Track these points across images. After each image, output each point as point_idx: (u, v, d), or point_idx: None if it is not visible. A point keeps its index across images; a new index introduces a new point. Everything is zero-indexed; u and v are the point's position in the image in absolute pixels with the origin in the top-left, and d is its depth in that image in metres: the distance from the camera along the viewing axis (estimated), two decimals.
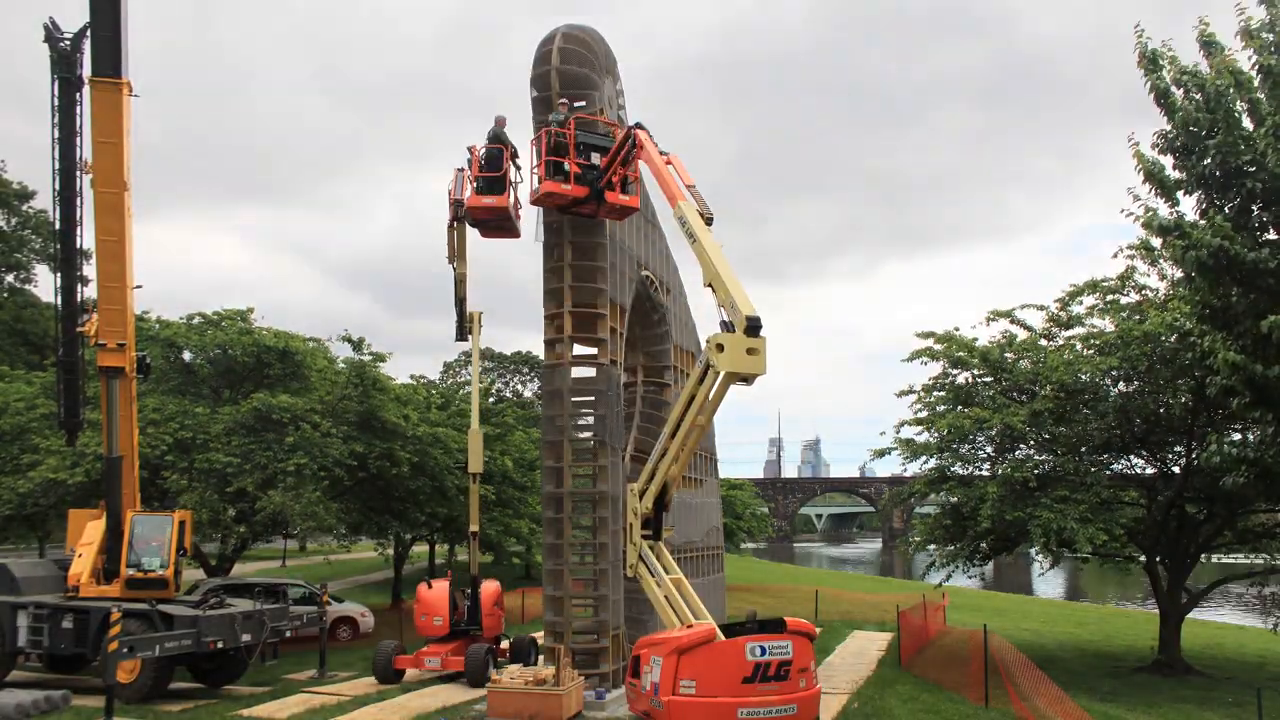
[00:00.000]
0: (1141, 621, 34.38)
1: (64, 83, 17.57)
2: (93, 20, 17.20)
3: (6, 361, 35.04)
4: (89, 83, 17.31)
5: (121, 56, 17.20)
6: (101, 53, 17.02)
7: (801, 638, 11.77)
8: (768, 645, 11.34)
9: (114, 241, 17.73)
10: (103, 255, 17.83)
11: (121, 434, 18.78)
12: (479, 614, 20.56)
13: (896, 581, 59.14)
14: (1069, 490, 21.38)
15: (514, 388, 68.78)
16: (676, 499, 20.68)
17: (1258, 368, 15.03)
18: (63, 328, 19.32)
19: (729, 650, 11.29)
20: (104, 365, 18.26)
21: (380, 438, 27.85)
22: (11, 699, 15.72)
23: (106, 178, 17.49)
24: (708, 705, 10.96)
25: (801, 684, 11.35)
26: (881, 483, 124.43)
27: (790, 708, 11.12)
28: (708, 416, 12.97)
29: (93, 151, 17.44)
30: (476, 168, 18.37)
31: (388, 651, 19.62)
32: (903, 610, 24.80)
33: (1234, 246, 14.88)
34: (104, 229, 17.71)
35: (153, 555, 18.61)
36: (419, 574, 47.49)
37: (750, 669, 11.06)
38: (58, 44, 17.65)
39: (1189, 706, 18.96)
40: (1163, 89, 16.06)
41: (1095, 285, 23.97)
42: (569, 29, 17.86)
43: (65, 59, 17.60)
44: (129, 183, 17.78)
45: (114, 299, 18.07)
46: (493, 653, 19.52)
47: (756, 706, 10.91)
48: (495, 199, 18.15)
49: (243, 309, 31.12)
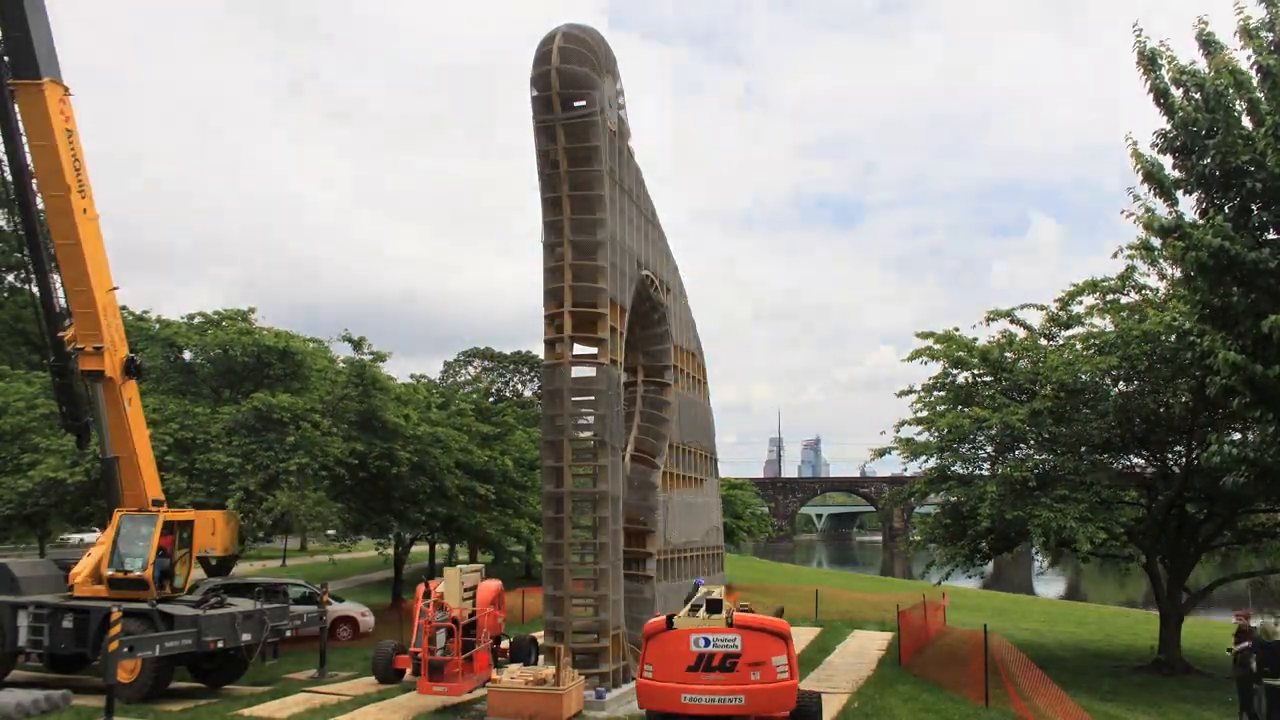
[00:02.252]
0: (1141, 621, 34.39)
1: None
2: (4, 22, 16.76)
3: (6, 361, 34.99)
4: (10, 85, 16.90)
5: (38, 56, 16.77)
6: (18, 54, 16.70)
7: (760, 634, 12.22)
8: (712, 638, 12.12)
9: (70, 245, 17.45)
10: (62, 260, 17.63)
11: (116, 436, 18.69)
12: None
13: (897, 581, 59.16)
14: (1069, 490, 21.39)
15: (514, 387, 68.73)
16: (676, 498, 20.71)
17: (1258, 368, 15.04)
18: (48, 334, 19.07)
19: (676, 640, 12.21)
20: (84, 370, 18.11)
21: (381, 437, 27.85)
22: (11, 699, 15.73)
23: (48, 181, 17.22)
24: (660, 688, 12.04)
25: (754, 676, 11.90)
26: (881, 482, 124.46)
27: (735, 698, 11.81)
28: None
29: (31, 155, 17.10)
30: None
31: (388, 651, 19.50)
32: (903, 610, 24.81)
33: (1234, 247, 14.89)
34: (58, 233, 17.47)
35: (135, 556, 18.36)
36: (419, 574, 47.49)
37: (694, 659, 11.94)
38: None
39: (1189, 706, 18.96)
40: (1162, 88, 16.06)
41: (1095, 285, 23.98)
42: (569, 29, 17.85)
43: None
44: (76, 184, 17.38)
45: (83, 303, 17.78)
46: (494, 652, 19.45)
47: (699, 694, 11.78)
48: None
49: (243, 309, 31.16)
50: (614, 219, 18.28)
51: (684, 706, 11.78)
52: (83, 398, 19.94)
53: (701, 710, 11.80)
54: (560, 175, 17.81)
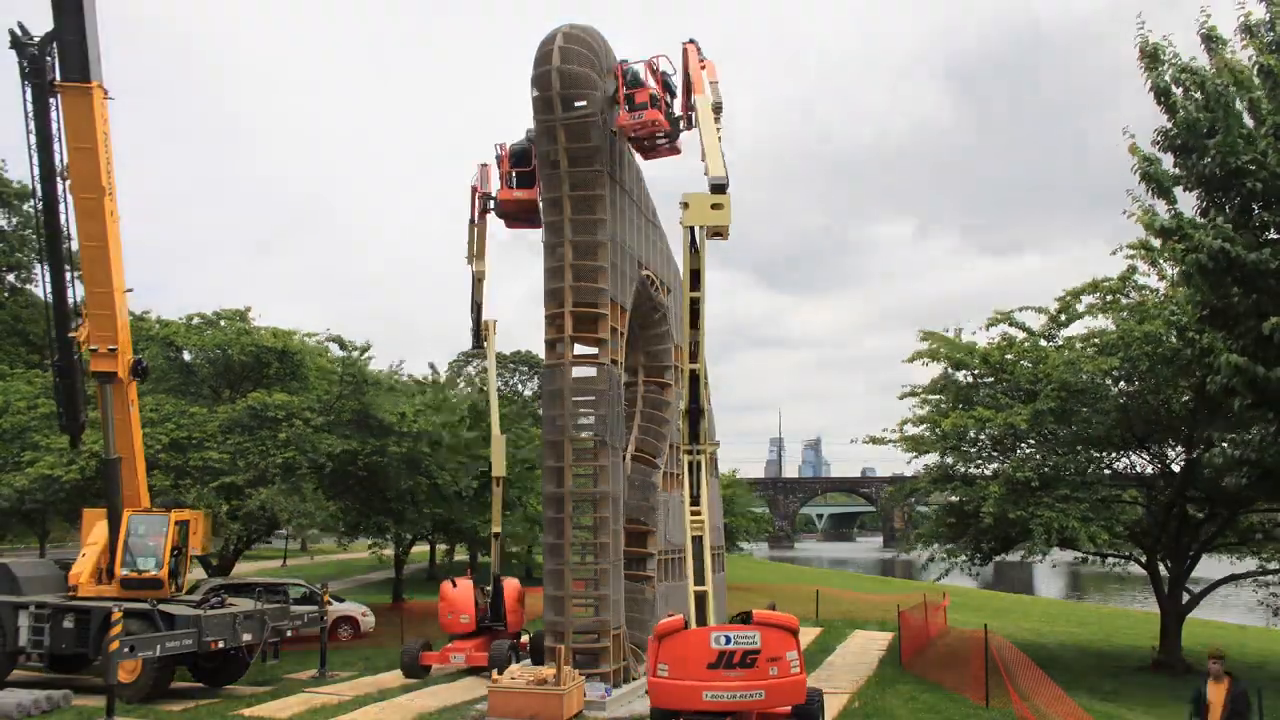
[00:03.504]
0: (1142, 621, 34.35)
1: (35, 89, 17.38)
2: (58, 25, 16.99)
3: (6, 361, 34.97)
4: (58, 88, 17.14)
5: (89, 60, 17.04)
6: (69, 57, 16.93)
7: (775, 630, 12.37)
8: (733, 635, 12.18)
9: (96, 246, 17.65)
10: (86, 260, 17.77)
11: (120, 436, 18.76)
12: (502, 610, 21.02)
13: (897, 581, 59.11)
14: (1070, 489, 21.38)
15: (514, 387, 68.74)
16: (676, 498, 20.69)
17: (1260, 370, 15.02)
18: (55, 333, 19.16)
19: (697, 639, 12.23)
20: (96, 370, 18.18)
21: (375, 435, 27.78)
22: (12, 699, 15.74)
23: (84, 182, 17.41)
24: (678, 687, 11.98)
25: (772, 671, 12.03)
26: (882, 482, 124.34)
27: (757, 693, 11.91)
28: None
29: (69, 157, 17.31)
30: (507, 163, 19.76)
31: (415, 649, 20.11)
32: (903, 610, 24.78)
33: (1235, 248, 14.87)
34: (85, 234, 17.63)
35: (148, 555, 18.58)
36: (419, 574, 47.52)
37: (715, 656, 11.95)
38: (26, 50, 17.38)
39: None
40: (1163, 87, 16.04)
41: (1095, 285, 23.96)
42: (570, 28, 17.83)
43: (35, 65, 17.34)
44: (110, 187, 17.61)
45: (102, 304, 17.94)
46: (515, 648, 20.00)
47: (720, 690, 11.81)
48: (525, 192, 19.61)
49: (241, 308, 31.15)
50: (614, 219, 18.28)
51: (706, 704, 11.88)
52: (82, 397, 19.95)
53: (724, 707, 11.93)
54: (560, 175, 17.82)
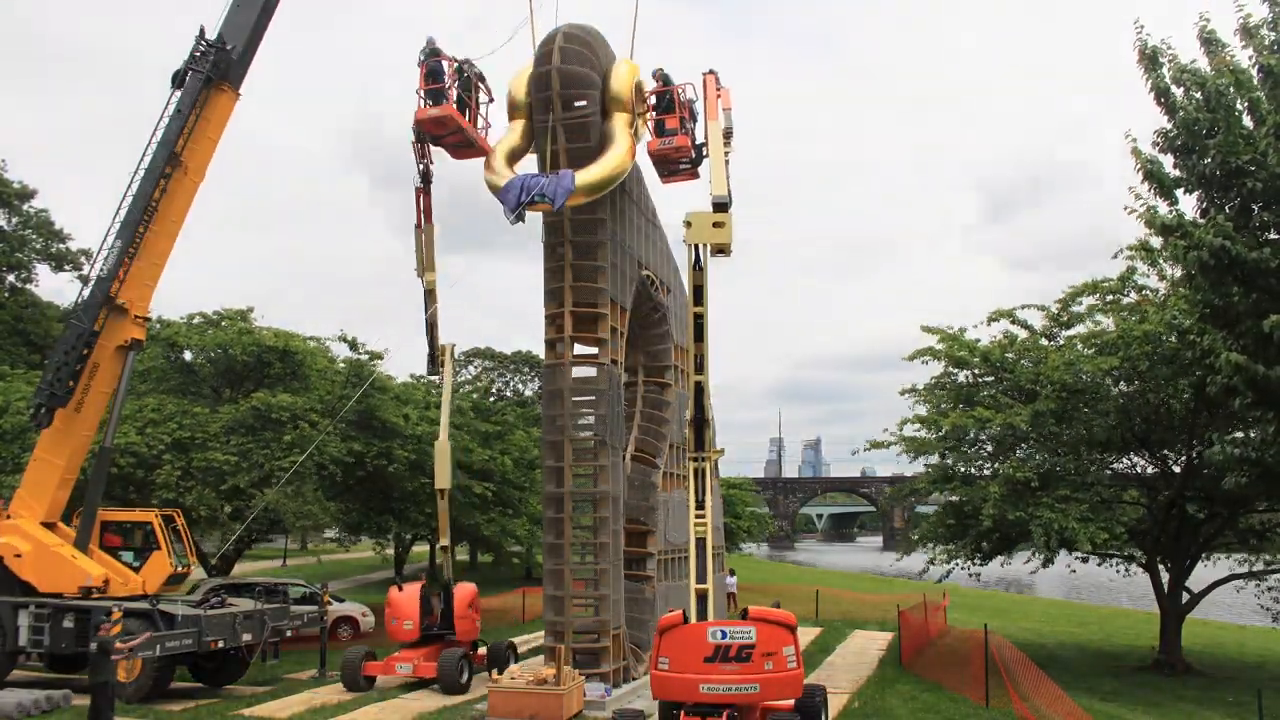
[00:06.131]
0: (1142, 621, 34.36)
1: (206, 81, 18.97)
2: (242, 37, 19.07)
3: (7, 361, 34.92)
4: (216, 87, 18.92)
5: (247, 69, 19.39)
6: (237, 65, 19.08)
7: (771, 625, 12.67)
8: (729, 630, 12.55)
9: (174, 223, 19.23)
10: (160, 235, 19.03)
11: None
12: (452, 618, 19.58)
13: (897, 581, 59.03)
14: (1070, 490, 21.37)
15: (514, 387, 68.68)
16: (676, 498, 20.70)
17: (1260, 369, 15.03)
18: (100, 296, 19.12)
19: (695, 633, 12.61)
20: (128, 339, 18.88)
21: (380, 437, 27.83)
22: (12, 699, 15.74)
23: (194, 168, 19.15)
24: (677, 679, 12.40)
25: (767, 666, 12.36)
26: (882, 482, 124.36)
27: (751, 686, 12.24)
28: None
29: (195, 145, 18.96)
30: (424, 82, 18.69)
31: (356, 659, 18.65)
32: (903, 610, 24.79)
33: (1235, 247, 14.89)
34: (171, 213, 19.03)
35: (180, 555, 19.47)
36: (419, 574, 47.50)
37: (711, 650, 12.35)
38: (223, 52, 18.94)
39: (1189, 706, 18.98)
40: (1163, 88, 16.05)
41: (1095, 285, 23.97)
42: (570, 28, 17.83)
43: (222, 63, 18.93)
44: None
45: (154, 277, 19.29)
46: (468, 659, 18.69)
47: (716, 683, 12.19)
48: (440, 108, 18.51)
49: (243, 308, 31.14)
50: (614, 219, 18.29)
51: (702, 696, 12.26)
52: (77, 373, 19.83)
53: (718, 699, 12.28)
54: None
